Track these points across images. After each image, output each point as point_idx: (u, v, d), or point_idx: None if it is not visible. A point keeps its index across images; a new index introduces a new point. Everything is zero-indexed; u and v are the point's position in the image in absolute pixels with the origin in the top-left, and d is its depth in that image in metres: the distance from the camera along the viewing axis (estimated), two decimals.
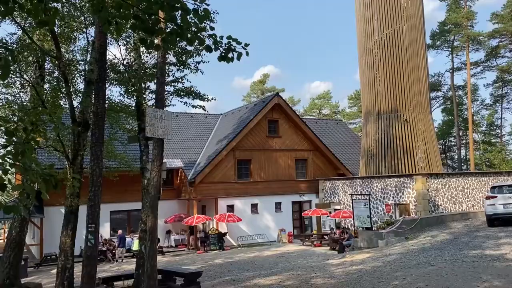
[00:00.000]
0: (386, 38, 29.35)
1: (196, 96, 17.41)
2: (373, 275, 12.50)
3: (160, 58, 13.46)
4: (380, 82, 29.52)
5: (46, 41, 15.82)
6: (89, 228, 10.20)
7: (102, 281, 13.86)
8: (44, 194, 4.58)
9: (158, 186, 12.43)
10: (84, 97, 14.04)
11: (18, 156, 4.35)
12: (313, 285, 12.19)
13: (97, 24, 11.45)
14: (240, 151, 28.50)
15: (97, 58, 11.29)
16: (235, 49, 4.43)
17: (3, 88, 16.35)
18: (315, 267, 15.94)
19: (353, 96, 66.34)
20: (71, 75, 15.58)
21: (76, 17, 15.08)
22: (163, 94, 13.78)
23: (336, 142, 36.76)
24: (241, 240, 27.36)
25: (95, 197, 10.32)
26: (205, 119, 35.24)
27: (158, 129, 12.49)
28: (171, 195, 28.07)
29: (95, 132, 10.81)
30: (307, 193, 30.60)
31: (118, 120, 18.18)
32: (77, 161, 13.91)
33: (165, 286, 13.71)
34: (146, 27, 4.13)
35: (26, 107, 15.13)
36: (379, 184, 25.28)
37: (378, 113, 29.61)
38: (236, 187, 28.15)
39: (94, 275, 10.28)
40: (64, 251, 13.34)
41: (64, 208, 13.85)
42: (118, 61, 16.37)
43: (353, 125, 64.67)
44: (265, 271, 16.21)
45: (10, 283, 16.37)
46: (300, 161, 31.00)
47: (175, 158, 28.78)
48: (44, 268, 22.16)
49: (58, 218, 19.52)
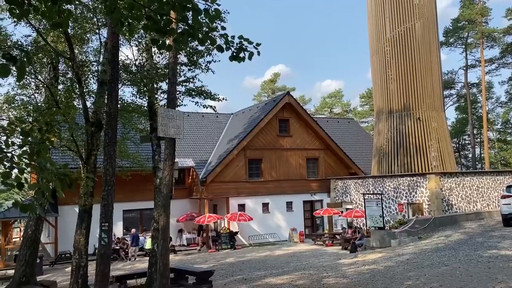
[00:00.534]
0: (398, 36, 29.11)
1: (207, 96, 17.47)
2: (386, 275, 12.43)
3: (172, 59, 13.55)
4: (392, 80, 29.30)
5: (60, 43, 16.05)
6: (102, 227, 10.31)
7: (116, 279, 14.01)
8: (60, 193, 4.65)
9: (170, 185, 12.53)
10: (97, 98, 14.20)
11: (33, 156, 4.43)
12: (325, 285, 12.17)
13: (109, 25, 11.57)
14: (251, 151, 28.53)
15: (109, 59, 11.41)
16: (246, 49, 4.45)
17: (18, 89, 16.62)
18: (327, 266, 15.90)
19: (365, 94, 65.93)
20: (84, 76, 15.77)
21: (89, 19, 15.25)
22: (175, 94, 13.86)
23: (347, 141, 36.57)
24: (252, 239, 27.40)
25: (109, 196, 10.43)
26: (216, 118, 35.34)
27: (170, 129, 12.58)
28: (183, 194, 28.22)
29: (108, 132, 10.93)
30: (319, 193, 30.52)
31: (130, 120, 18.34)
32: (90, 160, 14.08)
33: (177, 285, 13.81)
34: (158, 28, 4.17)
35: (41, 107, 15.35)
36: (392, 183, 25.10)
37: (390, 111, 29.39)
38: (247, 186, 28.20)
39: (108, 273, 10.40)
40: (78, 250, 13.52)
41: (78, 207, 14.04)
42: (130, 62, 16.52)
43: (365, 123, 64.28)
44: (277, 270, 16.21)
45: (26, 280, 16.64)
46: (311, 160, 30.92)
47: (187, 158, 28.93)
48: (59, 266, 22.46)
49: (72, 217, 19.77)
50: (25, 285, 16.54)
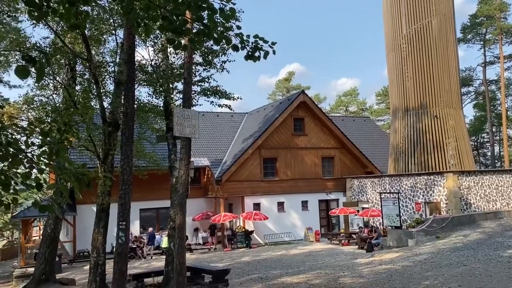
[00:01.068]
0: (414, 32, 28.75)
1: (222, 95, 17.51)
2: (403, 275, 12.31)
3: (187, 58, 13.63)
4: (408, 78, 28.96)
5: (77, 44, 16.29)
6: (120, 226, 10.42)
7: (133, 278, 14.15)
8: (78, 194, 4.72)
9: (186, 184, 12.61)
10: (114, 98, 14.38)
11: (52, 156, 4.49)
12: (341, 284, 12.10)
13: (125, 26, 11.69)
14: (265, 150, 28.52)
15: (126, 60, 11.52)
16: (261, 48, 4.44)
17: (37, 90, 16.91)
18: (343, 266, 15.81)
19: (381, 92, 65.28)
20: (101, 76, 15.97)
21: (106, 20, 15.43)
22: (190, 94, 13.94)
23: (363, 140, 36.26)
24: (268, 238, 27.40)
25: (126, 195, 10.54)
26: (230, 118, 35.40)
27: (186, 128, 12.66)
28: (199, 193, 28.37)
29: (125, 132, 11.04)
30: (334, 192, 30.35)
31: (146, 120, 18.51)
32: (108, 160, 14.26)
33: (193, 283, 13.89)
34: (174, 28, 4.19)
35: (59, 108, 15.61)
36: (409, 182, 24.82)
37: (406, 109, 29.05)
38: (262, 186, 28.20)
39: (125, 271, 10.51)
40: (96, 248, 13.71)
41: (96, 206, 14.24)
42: (146, 62, 16.67)
43: (381, 122, 63.64)
44: (293, 269, 16.18)
45: (46, 278, 16.94)
46: (326, 159, 30.77)
47: (202, 157, 29.06)
48: (77, 265, 22.81)
49: (90, 216, 20.04)
50: (44, 282, 16.85)
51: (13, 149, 4.25)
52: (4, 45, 18.44)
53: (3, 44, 18.70)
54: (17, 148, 4.31)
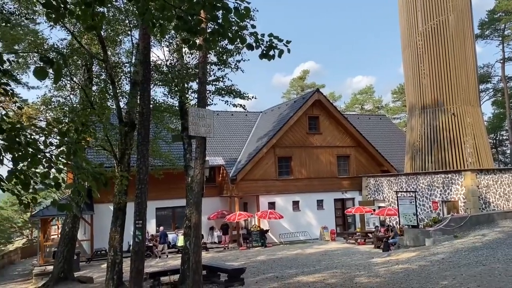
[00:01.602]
0: (430, 29, 28.34)
1: (236, 94, 17.53)
2: (420, 274, 12.17)
3: (202, 58, 13.68)
4: (425, 75, 28.57)
5: (93, 45, 16.49)
6: (136, 225, 10.52)
7: (150, 276, 14.28)
8: (95, 193, 4.78)
9: (201, 183, 12.67)
10: (130, 98, 14.52)
11: (70, 156, 4.55)
12: (357, 284, 12.01)
13: (141, 26, 11.79)
14: (280, 148, 28.47)
15: (141, 60, 11.62)
16: (276, 47, 4.43)
17: (55, 91, 17.17)
18: (359, 265, 15.70)
19: (397, 90, 64.55)
20: (117, 77, 16.14)
21: (121, 21, 15.58)
22: (205, 94, 13.99)
23: (379, 138, 35.93)
24: (283, 237, 27.37)
25: (142, 195, 10.64)
26: (245, 117, 35.42)
27: (201, 128, 12.72)
28: (214, 192, 28.47)
29: (141, 131, 11.14)
30: (350, 190, 30.15)
31: (162, 119, 18.65)
32: (124, 159, 14.42)
33: (209, 282, 13.95)
34: (189, 28, 4.21)
35: (76, 108, 15.82)
36: (425, 180, 24.51)
37: (423, 107, 28.68)
38: (277, 184, 28.17)
39: (142, 270, 10.61)
40: (113, 247, 13.88)
41: (113, 205, 14.41)
42: (161, 62, 16.79)
43: (397, 120, 62.93)
44: (308, 268, 16.13)
45: (64, 276, 17.22)
46: (342, 158, 30.58)
47: (217, 156, 29.15)
48: (95, 263, 23.12)
49: (107, 214, 20.29)
50: (63, 280, 17.12)
51: (32, 149, 4.32)
52: (22, 47, 18.78)
53: (21, 46, 19.04)
54: (36, 148, 4.38)
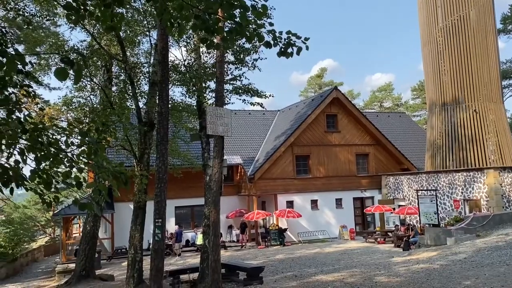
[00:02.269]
0: (451, 25, 27.82)
1: (254, 93, 17.54)
2: (442, 274, 11.97)
3: (219, 57, 13.73)
4: (445, 72, 28.07)
5: (112, 46, 16.71)
6: (156, 223, 10.62)
7: (169, 274, 14.40)
8: (116, 192, 4.83)
9: (219, 182, 12.72)
10: (149, 98, 14.67)
11: (91, 155, 4.61)
12: (377, 283, 11.89)
13: (159, 27, 11.88)
14: (298, 147, 28.38)
15: (159, 60, 11.71)
16: (294, 44, 4.40)
17: (75, 92, 17.46)
18: (379, 264, 15.54)
19: (416, 87, 63.63)
20: (136, 77, 16.32)
21: (139, 22, 15.75)
22: (223, 93, 14.04)
23: (399, 136, 35.49)
24: (301, 236, 27.29)
25: (161, 193, 10.73)
26: (262, 115, 35.42)
27: (219, 127, 12.77)
28: (232, 191, 28.55)
29: (160, 131, 11.23)
30: (369, 189, 29.86)
31: (180, 119, 18.79)
32: (144, 159, 14.58)
33: (228, 280, 14.00)
34: (207, 27, 4.22)
35: (96, 109, 16.07)
36: (446, 178, 24.10)
37: (443, 104, 28.18)
38: (295, 183, 28.08)
39: (162, 268, 10.71)
40: (134, 245, 14.04)
41: (133, 204, 14.58)
42: (179, 62, 16.90)
43: (417, 117, 62.01)
44: (327, 267, 16.04)
45: (86, 274, 17.51)
46: (361, 156, 30.30)
47: (235, 155, 29.22)
48: (116, 261, 23.45)
49: (127, 213, 20.58)
50: (85, 278, 17.42)
51: (54, 149, 4.40)
52: (44, 49, 19.16)
53: (43, 48, 19.43)
54: (58, 148, 4.46)
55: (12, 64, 3.86)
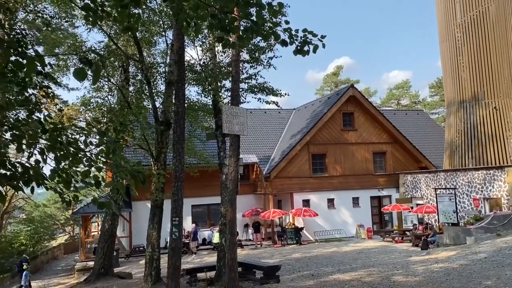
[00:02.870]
0: (470, 20, 27.31)
1: (269, 91, 17.51)
2: (462, 274, 11.79)
3: (235, 56, 13.75)
4: (464, 68, 27.58)
5: (129, 47, 16.88)
6: (173, 222, 10.70)
7: (186, 272, 14.49)
8: (134, 191, 4.88)
9: (235, 181, 12.75)
10: (166, 98, 14.79)
11: (109, 155, 4.66)
12: (395, 283, 11.76)
13: (175, 27, 11.95)
14: (314, 146, 28.25)
15: (176, 60, 11.79)
16: (311, 42, 4.37)
17: (93, 92, 17.70)
18: (396, 264, 15.38)
19: (434, 84, 62.72)
20: (152, 77, 16.46)
21: (155, 22, 15.87)
22: (238, 91, 14.06)
23: (417, 134, 35.04)
24: (318, 235, 27.17)
25: (178, 192, 10.80)
26: (278, 114, 35.35)
27: (234, 126, 12.79)
28: (248, 190, 28.57)
29: (176, 130, 11.31)
30: (387, 188, 29.55)
31: (196, 118, 18.88)
32: (160, 158, 14.71)
33: (245, 279, 14.02)
34: (223, 26, 4.22)
35: (114, 109, 16.26)
36: (465, 177, 23.69)
37: (462, 101, 27.71)
38: (311, 182, 27.97)
39: (179, 266, 10.79)
40: (151, 243, 14.19)
41: (150, 202, 14.72)
42: (195, 62, 16.98)
43: (435, 115, 61.14)
44: (344, 266, 15.94)
45: (105, 271, 17.75)
46: (378, 155, 30.01)
47: (250, 154, 29.24)
48: (133, 259, 23.71)
49: (144, 212, 20.75)
50: (103, 276, 17.66)
51: (73, 149, 4.46)
52: (62, 50, 19.47)
53: (61, 49, 19.75)
54: (77, 147, 4.52)
55: (32, 65, 3.92)
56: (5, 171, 4.06)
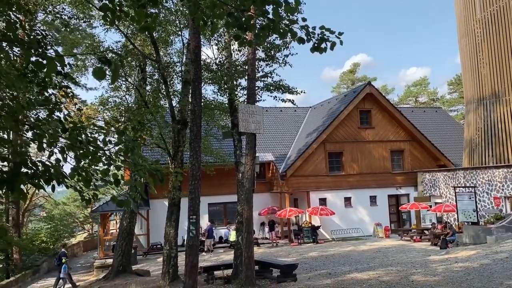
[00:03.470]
0: (490, 15, 26.76)
1: (285, 89, 17.45)
2: (482, 274, 11.58)
3: (250, 55, 13.74)
4: (484, 64, 27.05)
5: (146, 46, 17.03)
6: (190, 220, 10.75)
7: (204, 270, 14.57)
8: (152, 189, 4.91)
9: (252, 179, 12.76)
10: (182, 97, 14.87)
11: (128, 153, 4.70)
12: (414, 282, 11.61)
13: (191, 26, 11.99)
14: (330, 144, 28.08)
15: (192, 59, 11.83)
16: (328, 39, 4.34)
17: (111, 92, 17.91)
18: (415, 263, 15.19)
19: (453, 81, 61.72)
20: (169, 76, 16.57)
21: (172, 22, 15.96)
22: (254, 90, 14.05)
23: (435, 131, 34.53)
24: (335, 233, 27.02)
25: (195, 190, 10.85)
26: (294, 112, 35.24)
27: (251, 124, 12.80)
28: (264, 188, 28.57)
29: (193, 129, 11.36)
30: (404, 186, 29.20)
31: (213, 117, 18.95)
32: (178, 156, 14.81)
33: (262, 277, 14.01)
34: (240, 24, 4.22)
35: (131, 108, 16.43)
36: (485, 175, 23.26)
37: (482, 98, 27.18)
38: (327, 180, 27.81)
39: (197, 264, 10.84)
40: (169, 241, 14.30)
41: (168, 200, 14.84)
42: (211, 61, 17.03)
43: (454, 112, 60.16)
44: (362, 265, 15.82)
45: (123, 269, 17.97)
46: (395, 153, 29.67)
47: (266, 152, 29.23)
48: (151, 257, 23.95)
49: (162, 210, 20.95)
50: (122, 273, 17.88)
51: (93, 147, 4.51)
52: (80, 50, 19.75)
53: (79, 49, 20.03)
54: (96, 146, 4.57)
55: (53, 65, 3.97)
56: (27, 169, 4.12)
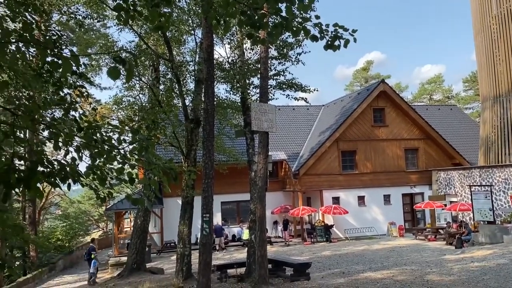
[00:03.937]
0: (506, 12, 26.29)
1: (298, 88, 17.38)
2: (499, 273, 11.41)
3: (263, 53, 13.72)
4: (500, 61, 26.59)
5: (159, 46, 17.13)
6: (204, 218, 10.80)
7: (217, 268, 14.63)
8: (166, 187, 4.95)
9: (264, 178, 12.76)
10: (195, 96, 14.93)
11: (142, 152, 4.74)
12: (429, 281, 11.50)
13: (204, 25, 12.03)
14: (344, 142, 27.92)
15: (205, 58, 11.86)
16: (341, 36, 4.30)
17: (125, 91, 18.06)
18: (430, 262, 15.04)
19: (468, 78, 60.84)
20: (182, 75, 16.64)
21: (185, 21, 16.03)
22: (267, 88, 14.04)
23: (450, 129, 34.10)
24: (348, 232, 26.88)
25: (208, 188, 10.89)
26: (306, 111, 35.10)
27: (263, 123, 12.79)
28: (276, 187, 28.55)
29: (206, 128, 11.40)
30: (419, 185, 28.91)
31: (225, 116, 18.98)
32: (191, 155, 14.88)
33: (275, 275, 14.01)
34: (253, 22, 4.21)
35: (145, 107, 16.55)
36: (502, 173, 22.89)
37: (498, 95, 26.74)
38: (340, 179, 27.67)
39: (210, 262, 10.88)
40: (182, 240, 14.40)
41: (181, 199, 14.93)
42: (223, 60, 17.05)
43: (469, 110, 59.33)
44: (376, 264, 15.71)
45: (137, 267, 18.14)
46: (410, 151, 29.38)
47: (279, 151, 29.19)
48: (165, 255, 24.13)
49: (175, 208, 21.07)
50: (136, 271, 18.04)
51: (108, 146, 4.55)
52: (95, 50, 19.96)
53: (94, 49, 20.25)
54: (111, 145, 4.61)
55: (68, 65, 4.01)
56: (43, 168, 4.18)
